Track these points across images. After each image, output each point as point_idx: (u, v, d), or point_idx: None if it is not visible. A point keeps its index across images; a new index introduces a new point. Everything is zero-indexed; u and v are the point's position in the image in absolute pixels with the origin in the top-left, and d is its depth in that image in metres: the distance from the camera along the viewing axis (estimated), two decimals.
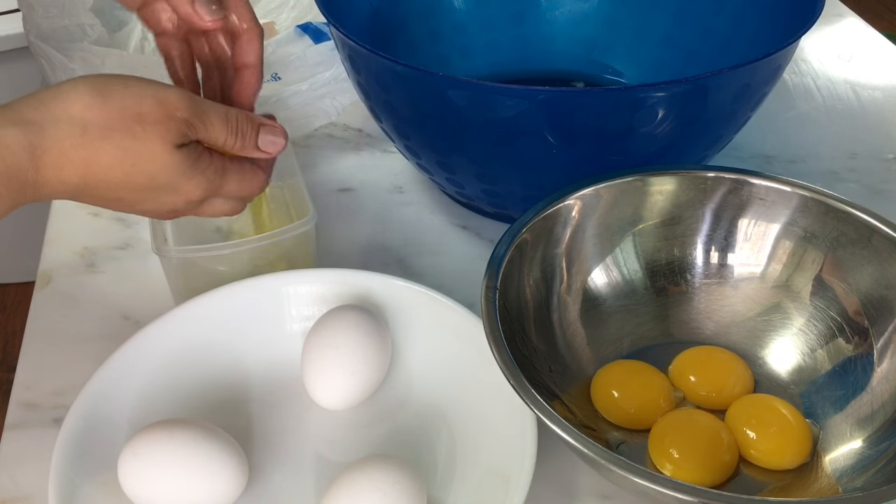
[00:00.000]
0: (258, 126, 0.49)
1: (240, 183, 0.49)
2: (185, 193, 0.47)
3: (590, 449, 0.40)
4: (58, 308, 0.61)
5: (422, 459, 0.50)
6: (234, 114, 0.48)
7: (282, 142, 0.50)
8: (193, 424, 0.47)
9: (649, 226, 0.56)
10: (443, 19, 0.77)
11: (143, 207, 0.47)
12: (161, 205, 0.47)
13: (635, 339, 0.55)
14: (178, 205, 0.48)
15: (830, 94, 0.83)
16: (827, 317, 0.52)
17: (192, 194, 0.47)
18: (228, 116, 0.47)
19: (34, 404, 0.54)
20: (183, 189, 0.47)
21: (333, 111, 0.73)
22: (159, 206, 0.47)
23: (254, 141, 0.49)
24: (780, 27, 0.62)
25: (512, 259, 0.50)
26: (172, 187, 0.46)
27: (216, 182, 0.48)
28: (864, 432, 0.48)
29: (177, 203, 0.47)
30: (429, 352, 0.54)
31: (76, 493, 0.45)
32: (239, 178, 0.49)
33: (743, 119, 0.60)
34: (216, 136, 0.47)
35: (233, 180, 0.49)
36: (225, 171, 0.48)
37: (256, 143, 0.49)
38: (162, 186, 0.46)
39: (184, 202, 0.48)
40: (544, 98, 0.53)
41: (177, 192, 0.47)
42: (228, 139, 0.48)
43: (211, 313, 0.54)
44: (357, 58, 0.59)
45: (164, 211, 0.48)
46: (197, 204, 0.48)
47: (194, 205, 0.48)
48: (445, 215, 0.69)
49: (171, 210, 0.48)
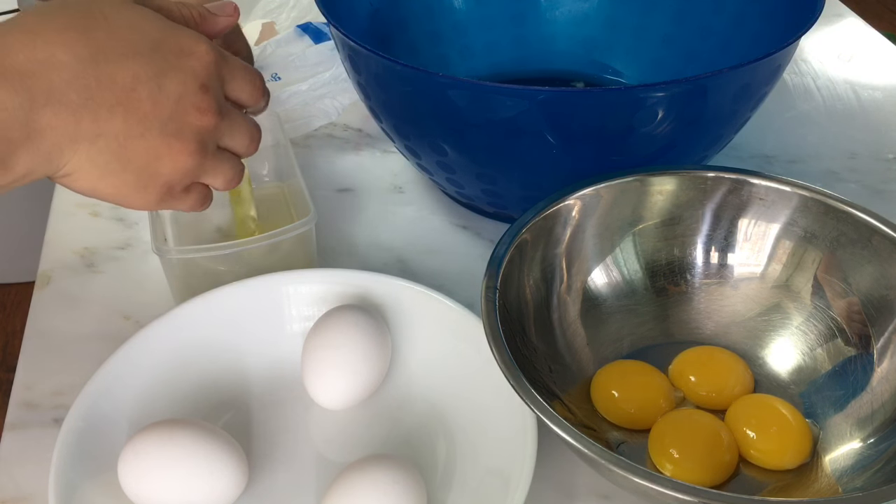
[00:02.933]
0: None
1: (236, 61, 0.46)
2: (195, 53, 0.43)
3: (590, 449, 0.40)
4: (58, 308, 0.61)
5: (422, 459, 0.50)
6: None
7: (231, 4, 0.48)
8: (193, 424, 0.47)
9: (649, 226, 0.56)
10: (443, 19, 0.77)
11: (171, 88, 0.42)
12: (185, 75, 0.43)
13: (635, 339, 0.55)
14: (201, 72, 0.43)
15: (830, 94, 0.83)
16: (827, 317, 0.52)
17: (203, 51, 0.43)
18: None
19: (34, 404, 0.54)
20: (187, 46, 0.43)
21: (333, 111, 0.73)
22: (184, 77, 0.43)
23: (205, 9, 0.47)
24: (780, 27, 0.62)
25: (512, 259, 0.50)
26: (175, 44, 0.42)
27: (212, 43, 0.44)
28: (864, 432, 0.48)
29: (197, 70, 0.43)
30: (429, 352, 0.54)
31: (76, 493, 0.45)
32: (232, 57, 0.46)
33: (743, 119, 0.60)
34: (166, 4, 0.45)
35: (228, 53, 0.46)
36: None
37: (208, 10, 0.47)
38: (160, 43, 0.42)
39: (203, 66, 0.43)
40: (544, 98, 0.53)
41: (183, 51, 0.43)
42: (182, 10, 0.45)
43: (211, 313, 0.54)
44: (357, 58, 0.59)
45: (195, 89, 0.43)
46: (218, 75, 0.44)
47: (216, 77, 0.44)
48: (445, 215, 0.69)
49: (201, 84, 0.43)
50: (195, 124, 0.44)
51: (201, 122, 0.44)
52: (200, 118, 0.44)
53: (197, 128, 0.44)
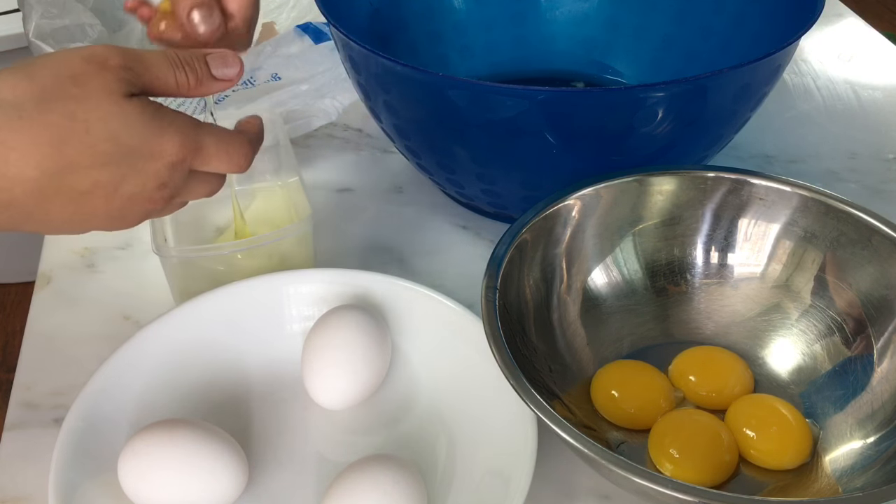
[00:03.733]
0: (203, 55, 0.45)
1: (219, 143, 0.44)
2: (164, 155, 0.42)
3: (590, 449, 0.40)
4: (58, 308, 0.61)
5: (422, 459, 0.50)
6: (173, 51, 0.44)
7: (236, 63, 0.45)
8: (193, 424, 0.47)
9: (649, 226, 0.56)
10: (443, 19, 0.77)
11: (127, 190, 0.42)
12: (146, 178, 0.42)
13: (635, 339, 0.55)
14: (164, 174, 0.42)
15: (830, 94, 0.83)
16: (827, 317, 0.52)
17: (173, 153, 0.42)
18: (167, 54, 0.43)
19: (34, 404, 0.54)
20: (158, 149, 0.42)
21: (333, 111, 0.73)
22: (144, 180, 0.42)
23: (206, 70, 0.44)
24: (780, 27, 0.62)
25: (512, 259, 0.50)
26: (147, 149, 0.41)
27: (192, 136, 0.43)
28: (864, 432, 0.48)
29: (161, 172, 0.42)
30: (429, 352, 0.54)
31: (76, 493, 0.45)
32: (217, 138, 0.44)
33: (743, 119, 0.60)
34: (163, 75, 0.43)
35: (211, 136, 0.44)
36: (198, 125, 0.44)
37: (210, 72, 0.45)
38: (133, 150, 0.41)
39: (167, 168, 0.42)
40: (544, 98, 0.53)
41: (153, 155, 0.42)
42: (179, 76, 0.43)
43: (211, 313, 0.54)
44: (357, 58, 0.59)
45: (152, 189, 0.42)
46: (183, 171, 0.43)
47: (181, 173, 0.43)
48: (445, 215, 0.69)
49: (160, 184, 0.43)
50: (141, 211, 0.44)
51: (149, 209, 0.44)
52: (148, 206, 0.44)
53: (143, 214, 0.44)
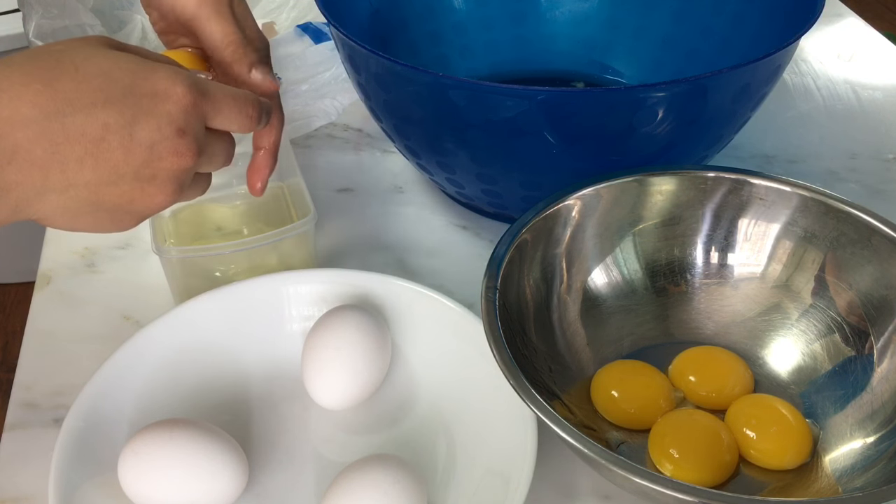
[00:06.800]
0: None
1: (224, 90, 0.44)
2: (171, 96, 0.41)
3: (590, 449, 0.40)
4: (58, 308, 0.61)
5: (422, 459, 0.50)
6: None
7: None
8: (193, 424, 0.47)
9: (649, 226, 0.56)
10: (443, 19, 0.77)
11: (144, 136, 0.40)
12: (160, 121, 0.40)
13: (635, 339, 0.55)
14: (179, 117, 0.41)
15: (830, 94, 0.83)
16: (827, 317, 0.52)
17: (180, 93, 0.41)
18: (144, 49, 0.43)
19: (34, 404, 0.54)
20: (161, 88, 0.40)
21: (333, 111, 0.73)
22: (159, 123, 0.40)
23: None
24: (779, 27, 0.62)
25: (512, 259, 0.50)
26: (148, 87, 0.40)
27: (191, 77, 0.42)
28: (864, 432, 0.48)
29: (174, 114, 0.41)
30: (429, 352, 0.54)
31: (76, 493, 0.45)
32: (220, 87, 0.43)
33: (743, 119, 0.60)
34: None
35: (213, 84, 0.43)
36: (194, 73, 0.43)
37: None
38: (130, 88, 0.40)
39: (181, 110, 0.41)
40: (544, 98, 0.53)
41: (157, 95, 0.40)
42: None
43: (211, 313, 0.54)
44: (357, 58, 0.59)
45: (171, 134, 0.41)
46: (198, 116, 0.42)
47: (196, 118, 0.42)
48: (445, 215, 0.69)
49: (177, 129, 0.41)
50: (172, 168, 0.42)
51: (179, 164, 0.42)
52: (178, 162, 0.42)
53: (175, 171, 0.42)
